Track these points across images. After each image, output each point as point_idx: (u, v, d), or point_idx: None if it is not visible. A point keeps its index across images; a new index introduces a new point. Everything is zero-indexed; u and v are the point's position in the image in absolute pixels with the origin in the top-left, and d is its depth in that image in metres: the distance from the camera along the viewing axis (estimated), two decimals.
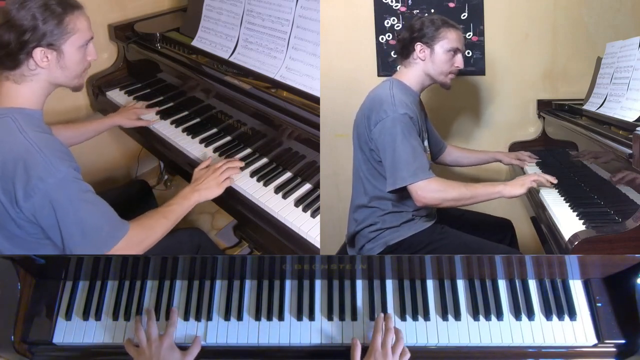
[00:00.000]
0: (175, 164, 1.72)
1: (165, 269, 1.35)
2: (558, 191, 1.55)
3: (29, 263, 1.27)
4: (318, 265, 1.30)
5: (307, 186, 1.53)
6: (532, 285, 1.34)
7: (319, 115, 1.46)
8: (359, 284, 1.35)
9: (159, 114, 1.88)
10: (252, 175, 1.56)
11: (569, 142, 1.76)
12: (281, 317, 1.30)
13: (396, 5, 2.08)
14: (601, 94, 1.70)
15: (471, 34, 2.09)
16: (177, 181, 2.69)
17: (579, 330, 1.27)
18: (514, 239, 1.81)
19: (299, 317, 1.30)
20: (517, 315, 1.29)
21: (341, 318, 1.30)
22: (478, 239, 1.59)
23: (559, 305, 1.30)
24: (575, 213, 1.37)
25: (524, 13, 2.06)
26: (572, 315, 1.29)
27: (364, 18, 2.10)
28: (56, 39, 1.16)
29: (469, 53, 2.10)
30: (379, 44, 2.12)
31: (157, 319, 1.28)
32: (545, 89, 2.15)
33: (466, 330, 1.28)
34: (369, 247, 1.57)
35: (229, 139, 1.74)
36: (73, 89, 1.29)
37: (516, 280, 1.34)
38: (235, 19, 1.79)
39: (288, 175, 1.57)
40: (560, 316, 1.29)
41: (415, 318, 1.29)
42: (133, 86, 2.08)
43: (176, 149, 1.74)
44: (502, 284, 1.35)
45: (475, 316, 1.30)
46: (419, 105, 1.61)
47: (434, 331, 1.28)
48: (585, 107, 1.78)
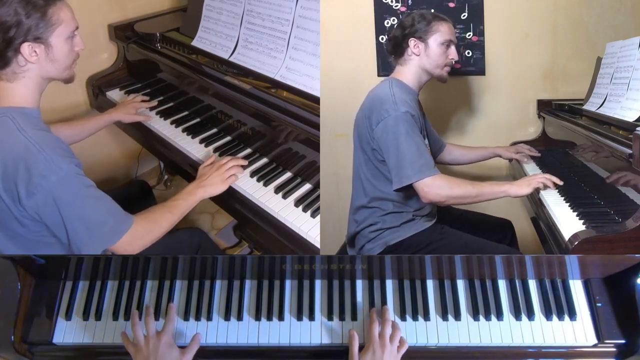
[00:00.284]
0: (175, 164, 1.72)
1: (165, 269, 1.35)
2: (558, 191, 1.55)
3: (29, 263, 1.27)
4: (318, 265, 1.30)
5: (307, 186, 1.53)
6: (532, 285, 1.34)
7: (319, 115, 1.46)
8: (359, 284, 1.35)
9: (158, 113, 1.88)
10: (252, 175, 1.56)
11: (569, 142, 1.76)
12: (281, 317, 1.30)
13: (396, 5, 2.08)
14: (601, 94, 1.70)
15: (471, 34, 2.09)
16: (177, 181, 2.70)
17: (579, 330, 1.27)
18: (514, 239, 1.81)
19: (299, 317, 1.30)
20: (517, 315, 1.29)
21: (341, 318, 1.30)
22: (478, 239, 1.59)
23: (559, 305, 1.30)
24: (575, 213, 1.37)
25: (524, 13, 2.06)
26: (572, 315, 1.29)
27: (364, 18, 2.10)
28: (42, 32, 1.15)
29: (469, 53, 2.10)
30: (379, 44, 2.12)
31: (157, 319, 1.28)
32: (545, 89, 2.14)
33: (466, 330, 1.28)
34: (369, 247, 1.57)
35: (229, 139, 1.74)
36: (65, 81, 1.28)
37: (516, 280, 1.34)
38: (235, 19, 1.79)
39: (288, 175, 1.57)
40: (560, 316, 1.29)
41: (415, 318, 1.29)
42: (133, 86, 2.08)
43: (176, 149, 1.74)
44: (502, 284, 1.35)
45: (475, 316, 1.30)
46: (418, 104, 1.61)
47: (434, 331, 1.28)
48: (585, 107, 1.78)
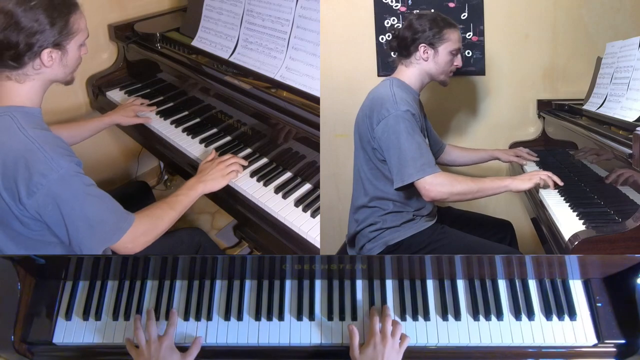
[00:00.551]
0: (175, 164, 1.72)
1: (165, 269, 1.35)
2: (558, 191, 1.55)
3: (29, 263, 1.27)
4: (318, 265, 1.30)
5: (307, 186, 1.53)
6: (532, 285, 1.34)
7: (319, 115, 1.46)
8: (359, 284, 1.35)
9: (158, 113, 1.88)
10: (252, 175, 1.56)
11: (569, 142, 1.76)
12: (281, 317, 1.30)
13: (396, 5, 2.08)
14: (601, 94, 1.70)
15: (471, 34, 2.09)
16: (177, 181, 2.70)
17: (579, 330, 1.27)
18: (514, 239, 1.81)
19: (299, 317, 1.30)
20: (517, 315, 1.29)
21: (341, 318, 1.30)
22: (478, 239, 1.59)
23: (559, 305, 1.30)
24: (575, 213, 1.37)
25: (524, 13, 2.06)
26: (572, 315, 1.29)
27: (364, 18, 2.10)
28: (63, 40, 1.18)
29: (469, 53, 2.10)
30: (379, 44, 2.12)
31: (157, 319, 1.28)
32: (545, 89, 2.14)
33: (466, 330, 1.28)
34: (369, 247, 1.57)
35: (229, 139, 1.74)
36: (66, 83, 1.30)
37: (516, 280, 1.34)
38: (235, 19, 1.79)
39: (288, 175, 1.57)
40: (560, 316, 1.29)
41: (415, 318, 1.29)
42: (133, 86, 2.08)
43: (176, 149, 1.74)
44: (502, 284, 1.35)
45: (475, 316, 1.30)
46: (419, 104, 1.61)
47: (434, 331, 1.28)
48: (585, 107, 1.78)
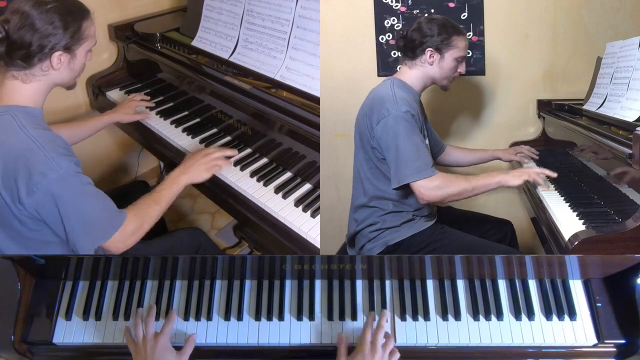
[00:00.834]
0: (175, 164, 1.71)
1: (165, 269, 1.35)
2: (558, 191, 1.55)
3: (29, 263, 1.27)
4: (318, 265, 1.30)
5: (307, 186, 1.53)
6: (532, 285, 1.34)
7: (319, 115, 1.46)
8: (359, 284, 1.35)
9: (158, 113, 1.88)
10: (252, 175, 1.56)
11: (569, 142, 1.76)
12: (281, 317, 1.30)
13: (396, 5, 2.08)
14: (601, 94, 1.70)
15: (471, 34, 2.09)
16: None
17: (579, 330, 1.27)
18: (514, 239, 1.81)
19: (299, 317, 1.30)
20: (517, 315, 1.29)
21: (341, 318, 1.30)
22: (478, 239, 1.59)
23: (559, 305, 1.30)
24: (575, 213, 1.37)
25: (524, 13, 2.06)
26: (572, 315, 1.29)
27: (364, 18, 2.10)
28: (74, 44, 1.21)
29: (469, 53, 2.10)
30: (379, 44, 2.12)
31: (157, 319, 1.28)
32: (545, 89, 2.14)
33: (466, 330, 1.28)
34: (369, 247, 1.57)
35: (229, 139, 1.74)
36: (69, 87, 1.32)
37: (516, 280, 1.34)
38: (235, 19, 1.79)
39: (288, 175, 1.57)
40: (560, 316, 1.29)
41: (415, 318, 1.29)
42: (133, 86, 2.08)
43: (176, 149, 1.73)
44: (502, 284, 1.35)
45: (475, 316, 1.30)
46: (420, 105, 1.61)
47: (434, 331, 1.28)
48: (585, 107, 1.78)
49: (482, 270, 1.33)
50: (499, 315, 1.30)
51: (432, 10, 2.07)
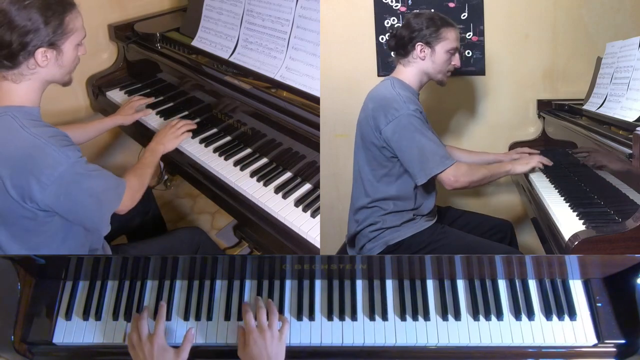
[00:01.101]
0: (175, 164, 1.72)
1: (165, 269, 1.35)
2: (558, 191, 1.55)
3: (29, 263, 1.27)
4: (318, 265, 1.30)
5: (307, 186, 1.53)
6: (532, 285, 1.34)
7: (319, 115, 1.46)
8: (359, 284, 1.35)
9: (158, 113, 1.89)
10: (252, 175, 1.56)
11: (569, 142, 1.76)
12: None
13: (396, 5, 2.08)
14: (601, 94, 1.69)
15: (471, 34, 2.09)
16: (177, 181, 2.69)
17: (579, 330, 1.27)
18: (513, 239, 1.81)
19: (299, 317, 1.30)
20: (517, 315, 1.29)
21: (341, 318, 1.30)
22: (478, 238, 1.59)
23: (559, 305, 1.30)
24: (575, 213, 1.37)
25: (524, 13, 2.06)
26: (572, 315, 1.29)
27: (364, 18, 2.10)
28: (58, 39, 1.18)
29: (469, 53, 2.10)
30: (379, 44, 2.12)
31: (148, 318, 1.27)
32: (545, 89, 2.14)
33: (466, 330, 1.28)
34: (369, 247, 1.57)
35: (229, 139, 1.74)
36: (64, 84, 1.31)
37: (516, 280, 1.34)
38: (235, 19, 1.79)
39: (288, 175, 1.57)
40: (560, 316, 1.29)
41: (415, 318, 1.29)
42: (133, 86, 2.08)
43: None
44: (502, 284, 1.35)
45: (475, 316, 1.30)
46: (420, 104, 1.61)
47: (434, 331, 1.28)
48: (585, 107, 1.78)
49: (482, 270, 1.33)
50: (499, 315, 1.29)
51: (432, 10, 2.07)
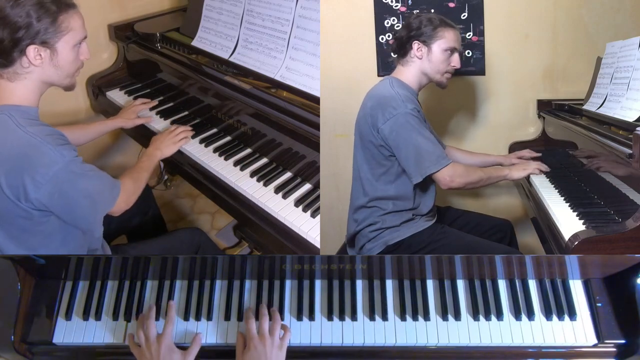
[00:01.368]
0: (175, 164, 1.72)
1: (165, 269, 1.35)
2: (558, 191, 1.55)
3: (29, 263, 1.27)
4: (318, 265, 1.30)
5: (307, 186, 1.53)
6: (532, 285, 1.34)
7: (319, 115, 1.46)
8: (359, 284, 1.35)
9: (159, 113, 1.89)
10: (252, 175, 1.56)
11: (569, 142, 1.76)
12: (281, 317, 1.29)
13: (396, 5, 2.08)
14: (601, 94, 1.69)
15: (471, 34, 2.09)
16: (177, 181, 2.69)
17: (579, 330, 1.27)
18: (513, 239, 1.81)
19: (299, 317, 1.30)
20: (517, 315, 1.29)
21: (341, 318, 1.30)
22: (478, 239, 1.59)
23: (559, 305, 1.30)
24: (575, 213, 1.37)
25: (524, 13, 2.06)
26: (572, 315, 1.29)
27: (364, 18, 2.10)
28: (50, 37, 1.17)
29: (469, 53, 2.10)
30: (379, 44, 2.12)
31: (157, 319, 1.28)
32: (545, 89, 2.14)
33: (466, 330, 1.28)
34: (369, 247, 1.57)
35: (229, 139, 1.74)
36: (65, 88, 1.30)
37: (516, 280, 1.34)
38: (235, 19, 1.79)
39: (288, 175, 1.57)
40: (560, 316, 1.29)
41: (415, 318, 1.29)
42: (133, 86, 2.08)
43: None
44: (502, 284, 1.35)
45: (475, 316, 1.30)
46: (418, 105, 1.61)
47: (434, 331, 1.28)
48: (585, 107, 1.78)
49: (482, 270, 1.33)
50: (499, 315, 1.30)
51: (432, 10, 2.07)
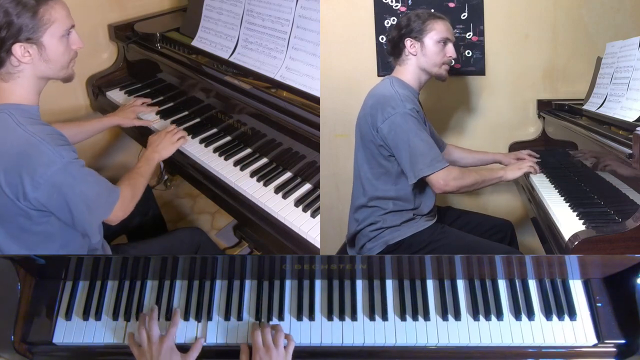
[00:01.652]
0: (176, 164, 1.72)
1: (165, 269, 1.35)
2: (558, 191, 1.55)
3: (29, 263, 1.27)
4: (318, 265, 1.30)
5: (307, 186, 1.53)
6: (532, 285, 1.34)
7: (319, 115, 1.46)
8: (359, 284, 1.35)
9: (159, 113, 1.88)
10: (252, 175, 1.56)
11: (569, 142, 1.76)
12: (281, 317, 1.30)
13: (396, 5, 2.08)
14: (601, 94, 1.69)
15: (471, 34, 2.09)
16: (177, 181, 2.69)
17: (579, 330, 1.27)
18: (514, 239, 1.81)
19: (299, 317, 1.30)
20: (517, 315, 1.29)
21: (341, 318, 1.30)
22: (478, 238, 1.59)
23: (559, 305, 1.30)
24: (575, 213, 1.37)
25: (524, 13, 2.06)
26: (572, 315, 1.29)
27: (364, 18, 2.10)
28: (33, 33, 1.14)
29: (469, 53, 2.10)
30: (379, 44, 2.12)
31: (157, 319, 1.28)
32: (545, 89, 2.14)
33: (466, 330, 1.28)
34: (369, 247, 1.57)
35: (229, 139, 1.74)
36: (63, 80, 1.28)
37: (516, 280, 1.34)
38: (235, 19, 1.79)
39: (288, 175, 1.57)
40: (560, 316, 1.29)
41: (415, 318, 1.29)
42: (133, 86, 2.08)
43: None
44: (502, 284, 1.35)
45: (475, 316, 1.30)
46: (419, 104, 1.61)
47: (434, 331, 1.28)
48: (585, 107, 1.78)
49: (482, 270, 1.33)
50: (499, 315, 1.30)
51: (432, 11, 2.07)
